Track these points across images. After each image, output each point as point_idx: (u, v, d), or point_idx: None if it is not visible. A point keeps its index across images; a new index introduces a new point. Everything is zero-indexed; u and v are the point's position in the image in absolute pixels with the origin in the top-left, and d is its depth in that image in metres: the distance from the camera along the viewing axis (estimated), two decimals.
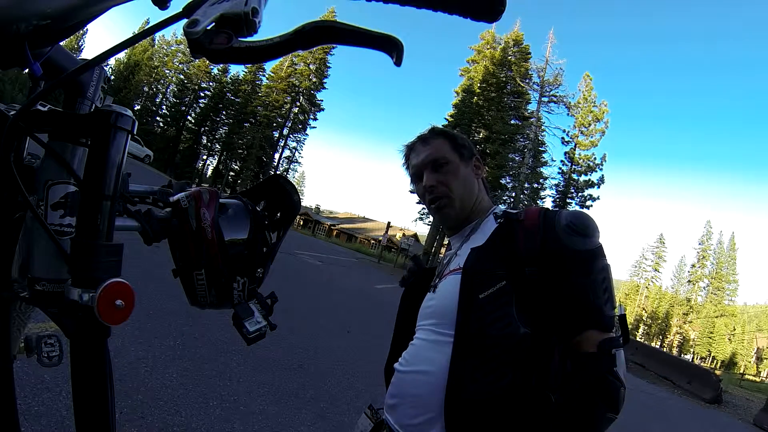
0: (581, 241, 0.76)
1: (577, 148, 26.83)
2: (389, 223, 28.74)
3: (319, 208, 59.16)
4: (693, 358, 45.97)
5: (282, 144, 36.84)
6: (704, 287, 49.90)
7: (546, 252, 0.76)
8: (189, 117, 38.66)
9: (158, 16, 0.39)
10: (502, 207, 0.97)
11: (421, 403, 0.81)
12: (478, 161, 1.00)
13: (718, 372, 18.28)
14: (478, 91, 26.76)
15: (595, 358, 0.72)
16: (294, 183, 0.65)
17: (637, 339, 35.78)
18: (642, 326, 50.96)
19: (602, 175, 26.17)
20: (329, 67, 36.54)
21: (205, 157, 40.82)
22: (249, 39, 0.35)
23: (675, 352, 44.49)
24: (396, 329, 1.06)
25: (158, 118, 38.06)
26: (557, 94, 26.51)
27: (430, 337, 0.86)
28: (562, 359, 0.78)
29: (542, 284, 0.76)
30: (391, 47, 0.36)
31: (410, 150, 1.02)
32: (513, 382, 0.73)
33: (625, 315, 0.79)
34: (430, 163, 0.95)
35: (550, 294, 0.76)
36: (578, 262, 0.76)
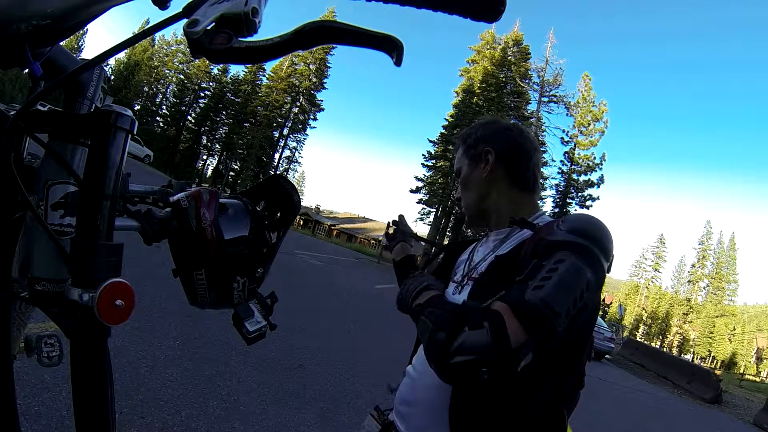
0: (565, 234, 0.65)
1: (576, 148, 26.86)
2: (389, 223, 28.63)
3: (319, 208, 59.05)
4: (693, 358, 45.94)
5: (282, 144, 36.86)
6: (704, 287, 49.89)
7: (533, 253, 0.67)
8: (189, 117, 38.66)
9: (158, 16, 0.39)
10: (546, 216, 0.85)
11: (436, 412, 0.77)
12: (486, 152, 0.85)
13: (718, 372, 18.27)
14: (478, 91, 26.76)
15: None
16: (294, 183, 0.65)
17: (637, 339, 35.80)
18: (642, 326, 50.96)
19: (602, 174, 26.25)
20: (329, 67, 36.55)
21: (205, 157, 40.87)
22: (249, 39, 0.35)
23: (675, 352, 44.47)
24: None
25: (158, 118, 38.02)
26: (557, 94, 26.61)
27: None
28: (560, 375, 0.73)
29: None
30: (391, 47, 0.36)
31: None
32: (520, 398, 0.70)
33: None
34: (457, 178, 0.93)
35: None
36: (547, 249, 0.65)
